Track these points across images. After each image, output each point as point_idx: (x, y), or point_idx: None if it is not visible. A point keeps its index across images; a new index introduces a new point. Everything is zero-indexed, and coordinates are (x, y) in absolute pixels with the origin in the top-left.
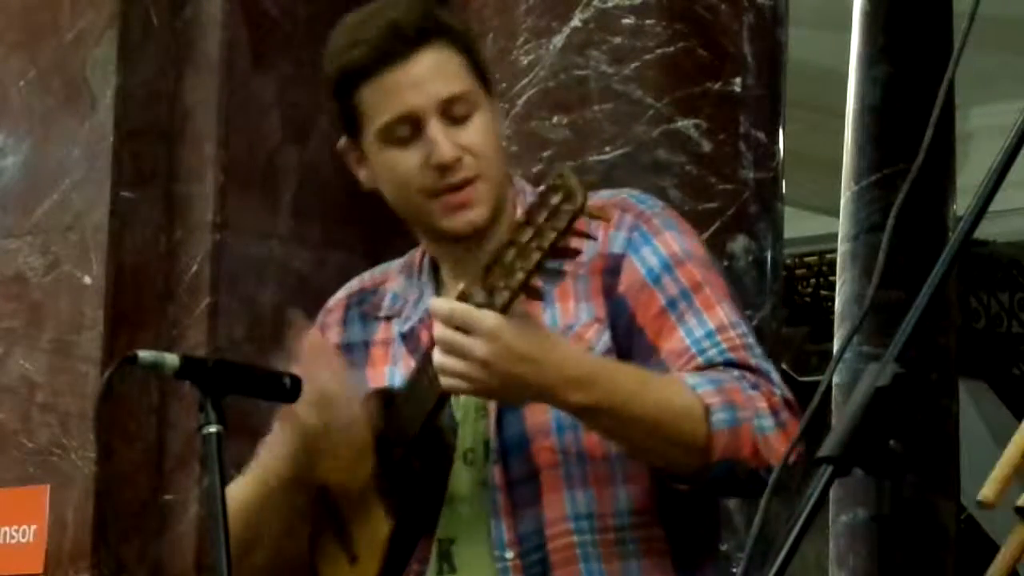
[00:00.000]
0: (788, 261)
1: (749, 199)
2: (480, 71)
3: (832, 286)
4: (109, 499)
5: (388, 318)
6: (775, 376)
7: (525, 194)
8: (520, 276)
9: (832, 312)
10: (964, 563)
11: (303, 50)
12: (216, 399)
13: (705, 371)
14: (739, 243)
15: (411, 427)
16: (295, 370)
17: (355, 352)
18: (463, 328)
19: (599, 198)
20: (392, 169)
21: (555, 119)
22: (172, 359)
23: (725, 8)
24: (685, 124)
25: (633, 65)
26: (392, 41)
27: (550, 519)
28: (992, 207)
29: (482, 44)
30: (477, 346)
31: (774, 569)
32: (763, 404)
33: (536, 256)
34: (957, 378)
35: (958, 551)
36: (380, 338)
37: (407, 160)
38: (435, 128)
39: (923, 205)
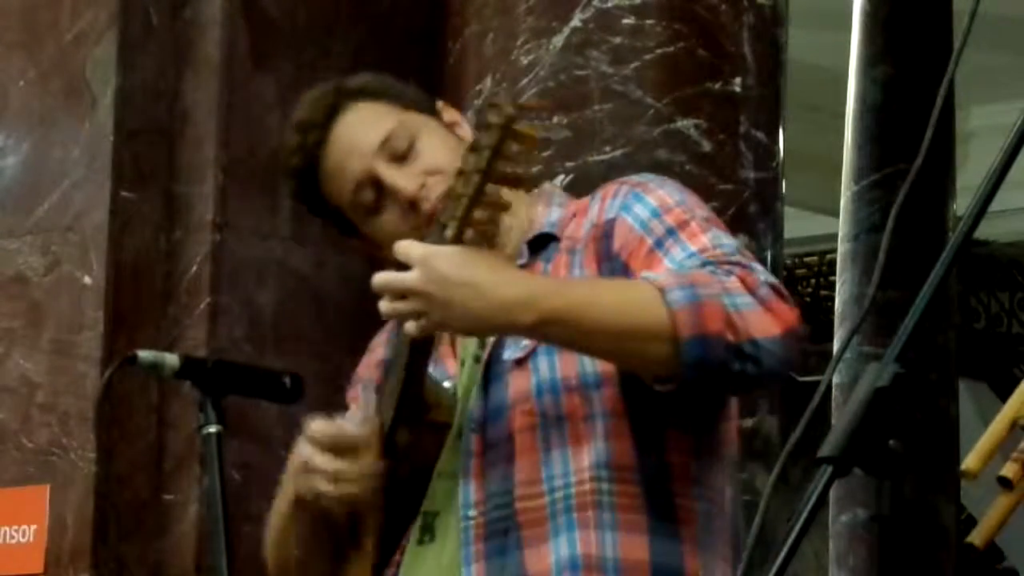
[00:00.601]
0: (788, 261)
1: (749, 199)
2: (408, 101)
3: (832, 286)
4: (109, 499)
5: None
6: (759, 267)
7: (551, 195)
8: (464, 203)
9: (832, 312)
10: (964, 563)
11: (303, 50)
12: (216, 399)
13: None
14: (739, 243)
15: (392, 400)
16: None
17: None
18: (401, 258)
19: (607, 184)
20: (387, 232)
21: (555, 119)
22: (172, 359)
23: (725, 8)
24: (685, 124)
25: (633, 65)
26: (306, 135)
27: (521, 480)
28: (992, 207)
29: (405, 85)
30: (408, 277)
31: (774, 569)
32: (735, 284)
33: (476, 179)
34: (957, 378)
35: (958, 551)
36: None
37: (388, 219)
38: (387, 175)
39: (923, 205)
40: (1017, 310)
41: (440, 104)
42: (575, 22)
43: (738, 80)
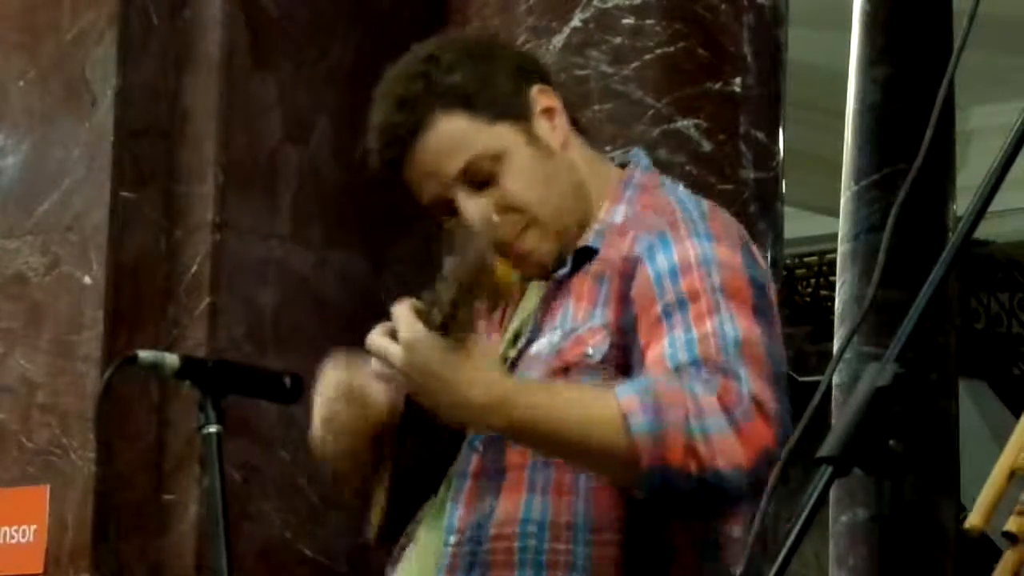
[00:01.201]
0: (788, 261)
1: (749, 199)
2: (499, 106)
3: (832, 286)
4: (109, 499)
5: None
6: (750, 372)
7: (624, 184)
8: (447, 304)
9: (832, 312)
10: (964, 563)
11: (303, 50)
12: (216, 399)
13: (646, 374)
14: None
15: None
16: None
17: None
18: (395, 325)
19: (660, 198)
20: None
21: None
22: (172, 359)
23: (725, 8)
24: (685, 124)
25: (633, 65)
26: (387, 145)
27: (500, 519)
28: (992, 207)
29: (497, 64)
30: (392, 351)
31: (774, 569)
32: (709, 403)
33: (454, 288)
34: (957, 378)
35: (958, 551)
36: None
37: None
38: (464, 207)
39: (923, 205)
40: (1017, 310)
41: (535, 92)
42: (575, 22)
43: (738, 80)
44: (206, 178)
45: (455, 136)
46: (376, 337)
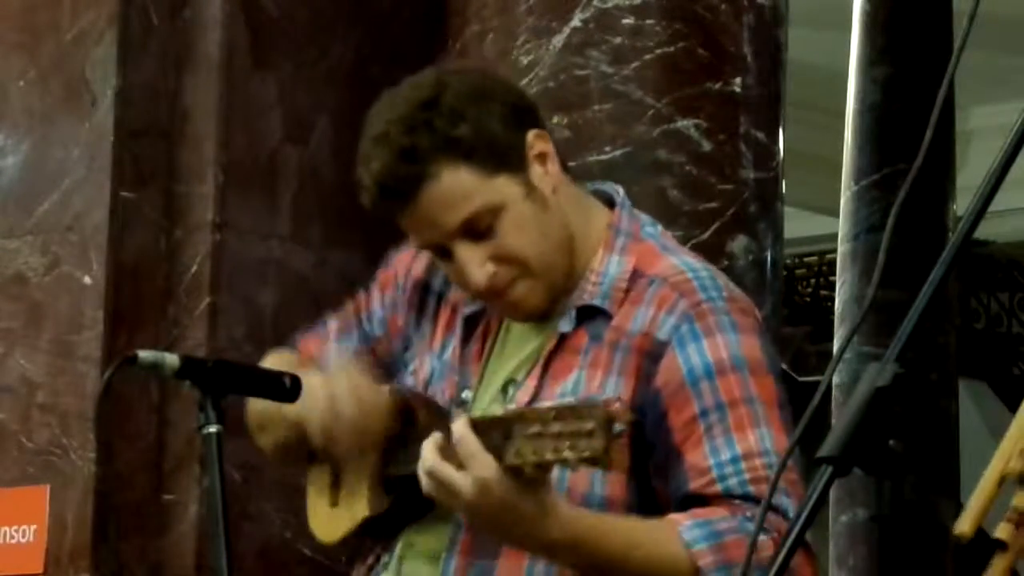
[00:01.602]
0: (788, 261)
1: (749, 199)
2: (499, 159)
3: (832, 286)
4: (109, 499)
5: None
6: (791, 510)
7: (616, 231)
8: (532, 460)
9: (832, 312)
10: (964, 563)
11: (303, 50)
12: (216, 399)
13: (714, 512)
14: (739, 243)
15: (412, 465)
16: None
17: (429, 297)
18: (462, 457)
19: (665, 263)
20: (445, 270)
21: (555, 119)
22: (172, 359)
23: (725, 8)
24: (685, 124)
25: (633, 65)
26: (387, 194)
27: (504, 574)
28: (992, 207)
29: (496, 109)
30: (463, 486)
31: (774, 569)
32: (767, 551)
33: (549, 457)
34: (957, 378)
35: (958, 551)
36: (452, 300)
37: (451, 270)
38: (461, 256)
39: (923, 205)
40: (1017, 310)
41: (531, 138)
42: (575, 22)
43: (738, 80)
44: (206, 178)
45: (458, 191)
46: (436, 464)
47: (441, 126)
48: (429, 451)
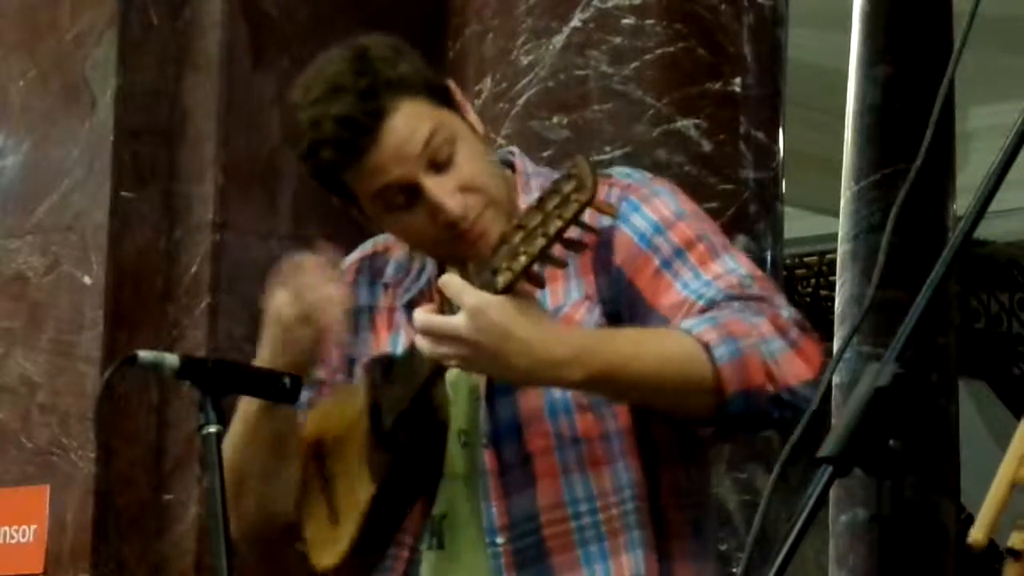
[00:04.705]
0: (788, 261)
1: (749, 199)
2: (437, 91)
3: (832, 286)
4: (109, 499)
5: (390, 286)
6: (780, 299)
7: (526, 175)
8: (523, 260)
9: (832, 312)
10: (964, 563)
11: (303, 50)
12: (216, 399)
13: (703, 312)
14: (739, 243)
15: (403, 399)
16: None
17: (360, 316)
18: (452, 302)
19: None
20: (401, 228)
21: (555, 119)
22: (172, 359)
23: (725, 8)
24: (685, 124)
25: (633, 65)
26: (351, 133)
27: (544, 505)
28: (992, 207)
29: (422, 59)
30: (458, 324)
31: (774, 569)
32: (768, 328)
33: (541, 242)
34: (957, 378)
35: (958, 551)
36: (384, 304)
37: (414, 220)
38: (432, 188)
39: (923, 205)
40: (1017, 310)
41: (452, 85)
42: (575, 22)
43: (738, 80)
44: (206, 178)
45: (417, 118)
46: (427, 317)
47: (384, 69)
48: (418, 313)
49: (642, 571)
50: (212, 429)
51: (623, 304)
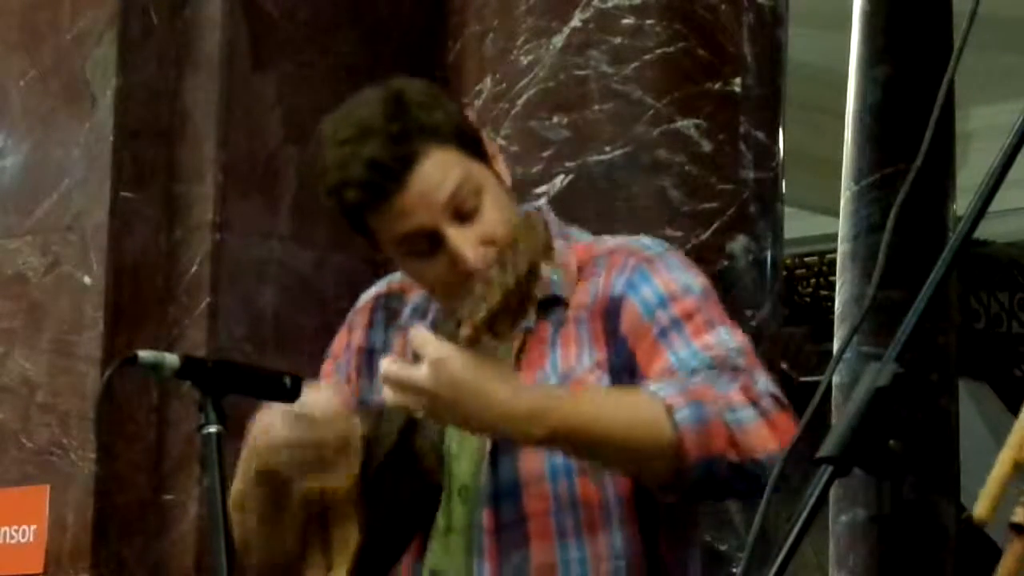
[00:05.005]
0: (788, 261)
1: (749, 199)
2: (467, 140)
3: (832, 286)
4: (109, 499)
5: (404, 330)
6: (760, 374)
7: (552, 234)
8: (483, 312)
9: (832, 312)
10: (964, 563)
11: (303, 50)
12: (216, 399)
13: (675, 377)
14: (739, 243)
15: (385, 448)
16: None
17: (375, 357)
18: (416, 348)
19: (608, 244)
20: (421, 275)
21: (555, 119)
22: (172, 359)
23: (725, 8)
24: (685, 124)
25: (633, 65)
26: (379, 177)
27: (537, 565)
28: (992, 207)
29: (458, 107)
30: (419, 377)
31: (774, 569)
32: (738, 397)
33: (497, 295)
34: (957, 378)
35: (958, 551)
36: (398, 348)
37: (434, 268)
38: (454, 238)
39: (923, 205)
40: (1017, 310)
41: (485, 136)
42: (575, 22)
43: (738, 80)
44: (206, 178)
45: (446, 166)
46: (392, 366)
47: (419, 114)
48: (384, 362)
49: None
50: (212, 429)
51: (625, 372)
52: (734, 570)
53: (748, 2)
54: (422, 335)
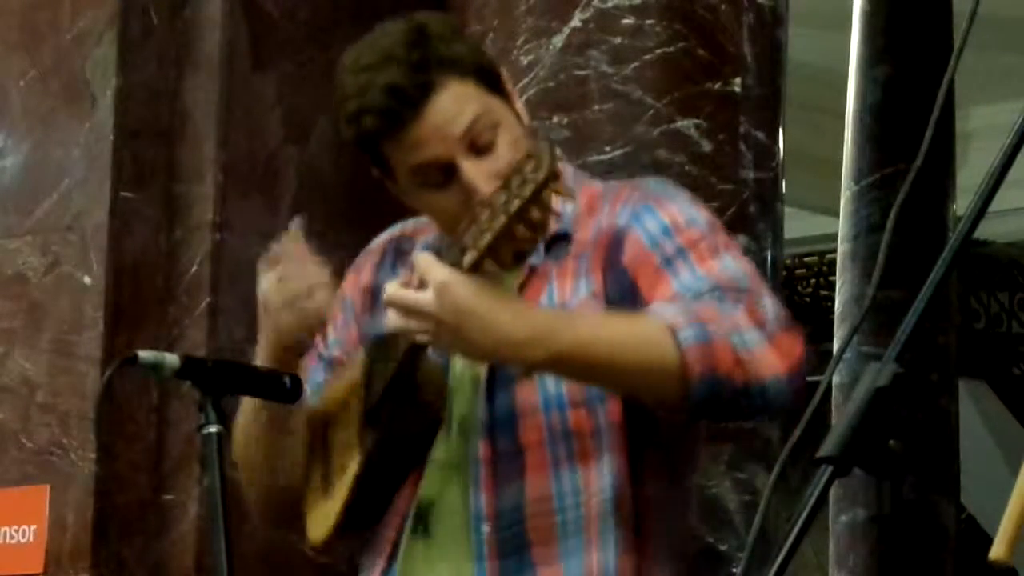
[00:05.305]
0: (788, 261)
1: (749, 199)
2: (487, 76)
3: (832, 286)
4: (109, 499)
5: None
6: (766, 297)
7: (565, 181)
8: (487, 238)
9: (832, 312)
10: (964, 563)
11: (303, 50)
12: (216, 399)
13: (679, 299)
14: (739, 243)
15: (386, 375)
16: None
17: (379, 295)
18: (421, 273)
19: (615, 184)
20: (433, 207)
21: (555, 119)
22: (172, 359)
23: (725, 8)
24: (685, 124)
25: (633, 65)
26: (397, 104)
27: (532, 497)
28: (992, 207)
29: (477, 39)
30: (423, 299)
31: (774, 569)
32: (743, 318)
33: (502, 221)
34: (957, 378)
35: (958, 551)
36: (404, 279)
37: (447, 200)
38: (468, 170)
39: (923, 205)
40: (1017, 310)
41: (504, 73)
42: (575, 22)
43: (738, 80)
44: (206, 178)
45: (464, 98)
46: (396, 290)
47: (438, 45)
48: (389, 286)
49: (612, 570)
50: (212, 429)
51: (627, 303)
52: (734, 570)
53: (748, 2)
54: (427, 260)
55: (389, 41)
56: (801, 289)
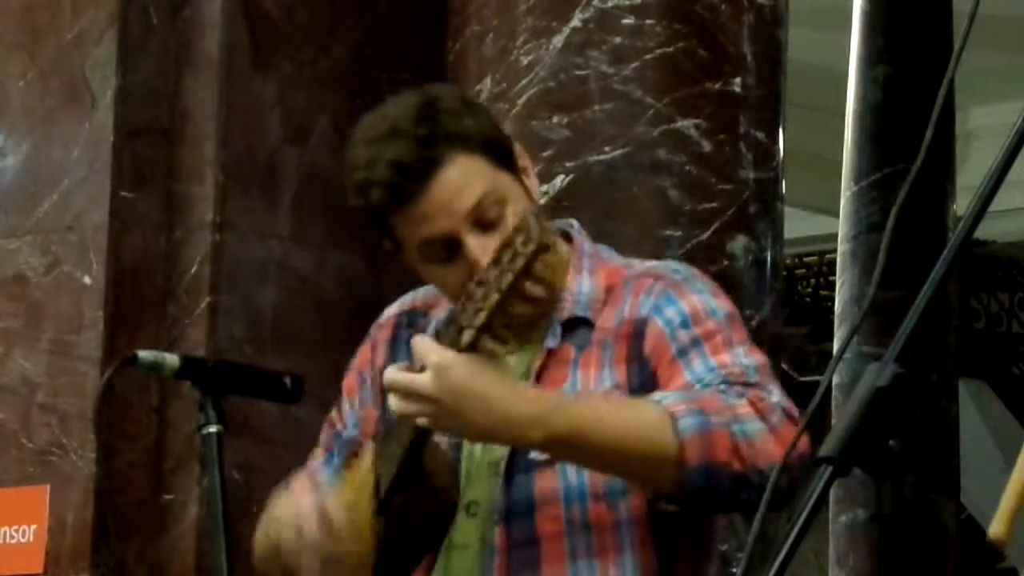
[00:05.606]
0: (788, 261)
1: (749, 199)
2: (497, 150)
3: (832, 286)
4: (109, 499)
5: None
6: (774, 389)
7: (582, 253)
8: (482, 316)
9: (832, 312)
10: (964, 563)
11: (303, 51)
12: (216, 399)
13: (687, 389)
14: (739, 243)
15: (393, 464)
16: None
17: None
18: (418, 356)
19: (637, 268)
20: (441, 281)
21: (555, 119)
22: (172, 359)
23: (725, 8)
24: (685, 124)
25: (633, 65)
26: (402, 179)
27: None
28: (992, 207)
29: (491, 118)
30: (420, 382)
31: (774, 569)
32: (746, 409)
33: (495, 297)
34: (957, 378)
35: (958, 551)
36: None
37: (454, 275)
38: (473, 246)
39: (923, 205)
40: (1017, 310)
41: (518, 149)
42: (575, 22)
43: (738, 80)
44: (206, 178)
45: (471, 174)
46: (394, 374)
47: (448, 121)
48: (388, 371)
49: None
50: (212, 429)
51: (648, 392)
52: (734, 570)
53: (748, 2)
54: (424, 343)
55: (398, 114)
56: (801, 289)
